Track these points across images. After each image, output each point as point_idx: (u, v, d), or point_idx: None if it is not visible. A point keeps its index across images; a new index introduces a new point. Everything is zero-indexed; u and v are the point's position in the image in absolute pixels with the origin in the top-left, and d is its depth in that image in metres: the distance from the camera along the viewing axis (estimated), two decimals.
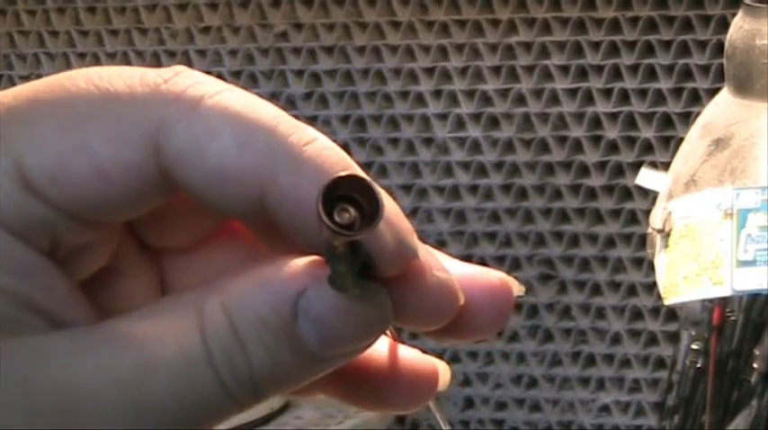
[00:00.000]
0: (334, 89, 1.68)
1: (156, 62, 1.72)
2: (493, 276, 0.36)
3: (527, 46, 1.62)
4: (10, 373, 0.31)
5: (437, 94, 1.67)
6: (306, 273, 0.33)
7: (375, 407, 0.38)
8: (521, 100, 1.64)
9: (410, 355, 0.37)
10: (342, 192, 0.31)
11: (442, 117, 1.67)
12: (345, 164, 0.33)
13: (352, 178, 0.31)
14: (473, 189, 1.68)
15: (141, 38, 1.73)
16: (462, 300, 0.35)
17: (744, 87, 0.96)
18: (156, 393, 0.32)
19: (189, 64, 1.72)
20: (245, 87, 0.34)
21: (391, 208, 0.33)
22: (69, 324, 0.33)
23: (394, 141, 1.69)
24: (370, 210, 0.31)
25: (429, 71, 1.66)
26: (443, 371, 0.38)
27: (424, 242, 0.35)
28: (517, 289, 0.37)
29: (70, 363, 0.32)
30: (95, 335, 0.32)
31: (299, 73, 1.69)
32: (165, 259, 0.37)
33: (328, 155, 0.33)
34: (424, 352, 0.38)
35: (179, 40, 1.72)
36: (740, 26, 0.97)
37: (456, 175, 1.68)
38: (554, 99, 1.62)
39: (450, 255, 0.37)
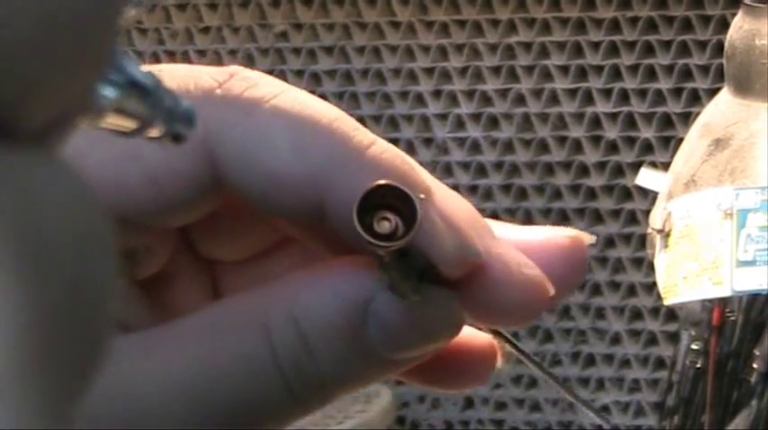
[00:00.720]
0: (333, 89, 1.68)
1: (156, 62, 1.72)
2: (562, 236, 0.35)
3: (527, 46, 1.62)
4: None
5: (437, 94, 1.67)
6: (374, 279, 0.32)
7: (435, 386, 0.37)
8: (520, 100, 1.63)
9: (466, 332, 0.37)
10: (382, 200, 0.30)
11: (442, 117, 1.67)
12: (406, 167, 0.32)
13: (387, 187, 0.30)
14: (473, 189, 1.68)
15: (141, 38, 1.73)
16: (552, 292, 0.34)
17: (743, 87, 0.96)
18: (224, 397, 0.31)
19: (188, 64, 1.72)
20: None
21: (456, 209, 0.33)
22: (130, 324, 0.33)
23: (394, 141, 1.68)
24: (411, 217, 0.30)
25: (429, 71, 1.66)
26: (500, 346, 0.37)
27: None
28: (588, 240, 0.36)
29: (137, 366, 0.31)
30: (162, 338, 0.32)
31: (299, 73, 1.69)
32: (218, 269, 0.37)
33: (388, 158, 0.32)
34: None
35: (179, 41, 1.72)
36: (740, 26, 0.97)
37: (456, 175, 1.68)
38: (554, 99, 1.62)
39: None
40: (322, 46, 1.68)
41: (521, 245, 0.35)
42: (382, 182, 0.30)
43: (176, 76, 0.33)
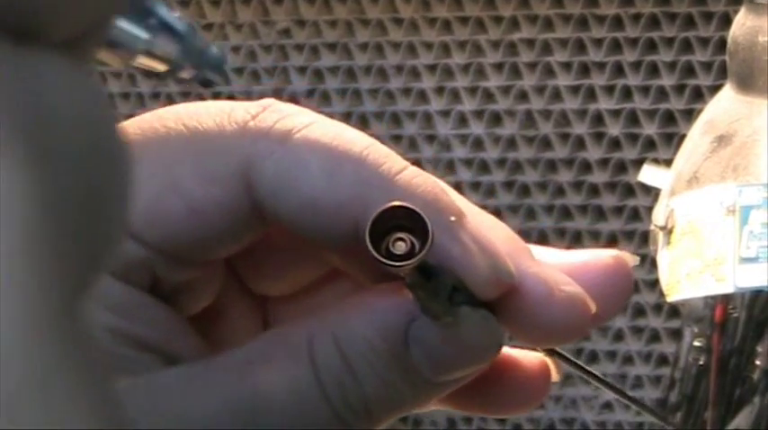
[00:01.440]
0: (336, 86, 1.68)
1: None
2: (606, 257, 0.36)
3: (530, 43, 1.62)
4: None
5: (439, 90, 1.67)
6: (413, 303, 0.33)
7: (491, 412, 0.37)
8: (523, 97, 1.63)
9: (516, 355, 0.37)
10: (398, 222, 0.31)
11: (445, 114, 1.67)
12: (436, 190, 0.33)
13: (400, 208, 0.31)
14: (475, 186, 1.68)
15: None
16: (594, 309, 0.35)
17: (746, 84, 0.96)
18: (271, 424, 0.32)
19: None
20: (247, 84, 0.34)
21: (490, 231, 0.33)
22: (179, 356, 0.34)
23: (396, 138, 1.69)
24: (424, 237, 0.31)
25: (431, 68, 1.66)
26: (551, 363, 0.37)
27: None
28: (632, 260, 0.36)
29: (186, 398, 0.32)
30: (208, 369, 0.33)
31: (302, 70, 1.69)
32: (269, 304, 0.38)
33: (418, 183, 0.33)
34: None
35: None
36: (743, 23, 0.97)
37: (458, 172, 1.68)
38: (556, 96, 1.62)
39: None
40: (325, 43, 1.68)
41: (563, 267, 0.35)
42: (394, 203, 0.31)
43: (211, 112, 0.34)
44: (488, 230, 0.33)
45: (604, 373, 1.71)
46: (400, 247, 0.31)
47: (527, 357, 0.37)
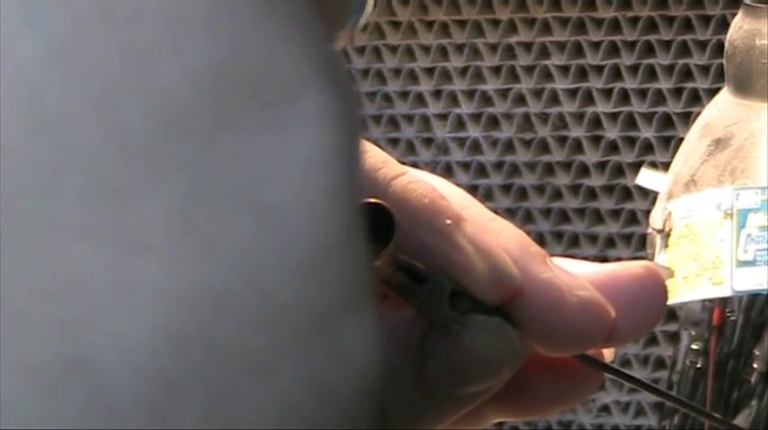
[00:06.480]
0: None
1: None
2: (635, 267, 0.34)
3: (527, 46, 1.62)
4: None
5: (437, 94, 1.67)
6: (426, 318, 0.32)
7: (548, 411, 0.36)
8: (521, 100, 1.64)
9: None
10: (374, 222, 0.30)
11: (442, 117, 1.67)
12: (433, 195, 0.32)
13: (368, 206, 0.30)
14: (473, 189, 1.68)
15: None
16: (613, 314, 0.33)
17: (744, 87, 0.96)
18: None
19: None
20: None
21: (494, 236, 0.32)
22: None
23: (394, 141, 1.69)
24: (393, 231, 0.30)
25: (429, 71, 1.66)
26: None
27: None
28: (665, 273, 0.35)
29: None
30: None
31: None
32: None
33: (414, 188, 0.32)
34: None
35: None
36: (740, 26, 0.97)
37: (456, 176, 1.68)
38: (554, 99, 1.62)
39: None
40: None
41: (589, 277, 0.34)
42: (364, 200, 0.30)
43: None
44: (492, 234, 0.32)
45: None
46: (374, 247, 0.30)
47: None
